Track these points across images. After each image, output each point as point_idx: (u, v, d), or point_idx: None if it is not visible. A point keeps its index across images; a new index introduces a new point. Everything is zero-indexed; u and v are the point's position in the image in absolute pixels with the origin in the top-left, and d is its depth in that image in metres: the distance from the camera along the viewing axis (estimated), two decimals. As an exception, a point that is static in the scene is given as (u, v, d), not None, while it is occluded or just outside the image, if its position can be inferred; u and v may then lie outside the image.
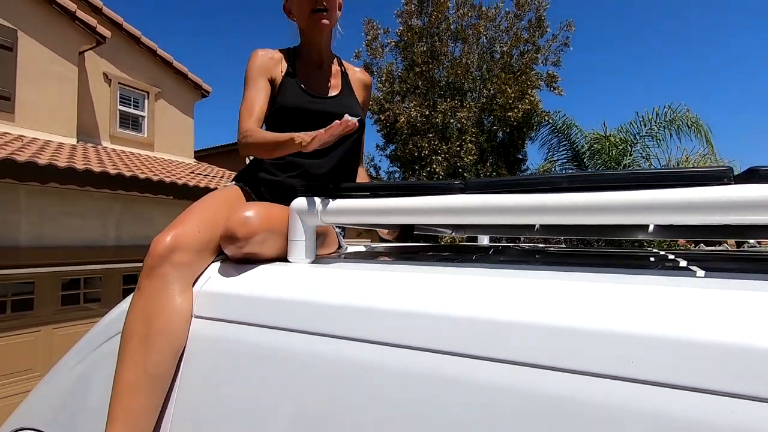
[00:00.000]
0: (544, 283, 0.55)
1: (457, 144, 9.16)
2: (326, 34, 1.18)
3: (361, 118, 1.19)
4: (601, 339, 0.45)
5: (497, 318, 0.51)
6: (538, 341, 0.48)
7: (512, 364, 0.48)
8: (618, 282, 0.53)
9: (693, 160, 7.77)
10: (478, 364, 0.49)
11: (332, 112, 1.13)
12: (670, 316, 0.44)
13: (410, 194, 0.75)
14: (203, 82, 8.47)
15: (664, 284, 0.51)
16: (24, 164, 3.80)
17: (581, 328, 0.47)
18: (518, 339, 0.49)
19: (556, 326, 0.48)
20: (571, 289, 0.52)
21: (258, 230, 0.79)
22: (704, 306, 0.44)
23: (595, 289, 0.51)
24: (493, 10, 9.99)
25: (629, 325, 0.45)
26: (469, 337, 0.51)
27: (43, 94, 5.71)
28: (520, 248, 1.32)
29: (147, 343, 0.71)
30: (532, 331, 0.49)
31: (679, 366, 0.41)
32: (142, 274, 0.76)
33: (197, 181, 5.71)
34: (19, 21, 5.49)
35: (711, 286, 0.49)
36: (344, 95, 1.20)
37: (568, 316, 0.48)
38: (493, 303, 0.53)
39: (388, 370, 0.55)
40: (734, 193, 0.51)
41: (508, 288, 0.56)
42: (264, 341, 0.67)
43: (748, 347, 0.39)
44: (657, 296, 0.47)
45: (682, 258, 0.87)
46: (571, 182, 0.63)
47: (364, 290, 0.63)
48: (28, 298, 4.48)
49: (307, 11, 1.11)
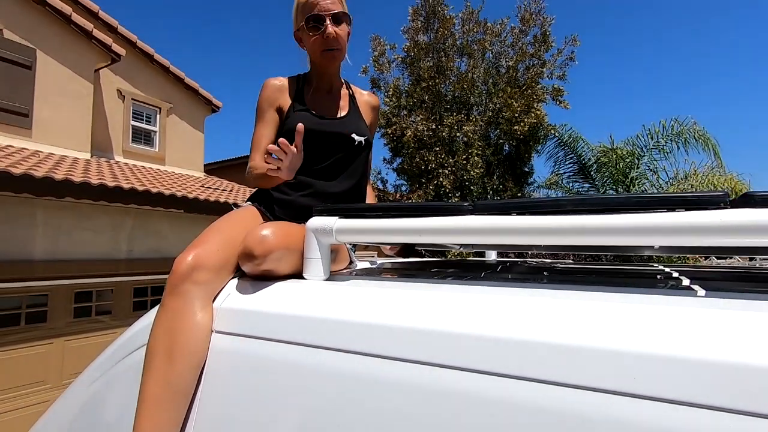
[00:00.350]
0: (553, 302, 0.58)
1: (463, 157, 9.21)
2: (336, 66, 1.25)
3: (368, 138, 1.24)
4: (605, 356, 0.48)
5: (508, 335, 0.54)
6: (546, 358, 0.50)
7: (522, 380, 0.50)
8: (621, 301, 0.56)
9: (701, 173, 7.74)
10: (491, 381, 0.52)
11: (339, 132, 1.19)
12: (667, 335, 0.47)
13: (421, 215, 0.79)
14: (213, 98, 8.65)
15: (664, 304, 0.54)
16: (41, 179, 3.90)
17: (587, 345, 0.49)
18: (528, 356, 0.51)
19: (562, 344, 0.50)
20: (578, 308, 0.55)
21: (275, 248, 0.83)
22: (700, 325, 0.47)
23: (600, 308, 0.54)
24: (499, 26, 10.12)
25: (631, 343, 0.48)
26: (481, 353, 0.54)
27: (59, 110, 5.88)
28: (528, 265, 1.34)
29: (170, 358, 0.74)
30: (541, 348, 0.51)
31: (674, 382, 0.43)
32: (166, 292, 0.80)
33: (207, 195, 5.80)
34: (38, 40, 5.68)
35: (709, 305, 0.52)
36: (351, 116, 1.25)
37: (574, 334, 0.51)
38: (504, 320, 0.56)
39: (406, 386, 0.57)
40: (730, 218, 0.54)
41: (519, 306, 0.59)
42: (281, 356, 0.70)
43: (735, 365, 0.42)
44: (656, 316, 0.50)
45: (686, 276, 0.89)
46: (576, 205, 0.66)
47: (379, 307, 0.67)
48: (42, 311, 4.56)
49: (318, 50, 1.19)
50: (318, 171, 1.18)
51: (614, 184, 8.34)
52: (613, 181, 8.37)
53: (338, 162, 1.20)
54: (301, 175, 1.16)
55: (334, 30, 1.15)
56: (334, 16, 1.16)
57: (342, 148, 1.20)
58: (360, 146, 1.22)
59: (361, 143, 1.22)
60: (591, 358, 0.48)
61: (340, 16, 1.17)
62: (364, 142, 1.23)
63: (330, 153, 1.19)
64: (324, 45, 1.17)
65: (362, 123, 1.27)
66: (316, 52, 1.19)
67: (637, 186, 8.11)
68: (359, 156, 1.24)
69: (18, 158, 4.48)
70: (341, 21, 1.18)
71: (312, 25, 1.16)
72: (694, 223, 0.56)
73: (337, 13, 1.16)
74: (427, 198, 9.07)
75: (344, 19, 1.19)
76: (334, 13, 1.16)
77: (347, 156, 1.21)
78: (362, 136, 1.22)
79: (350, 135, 1.20)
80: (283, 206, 1.15)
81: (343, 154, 1.20)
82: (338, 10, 1.17)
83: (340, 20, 1.18)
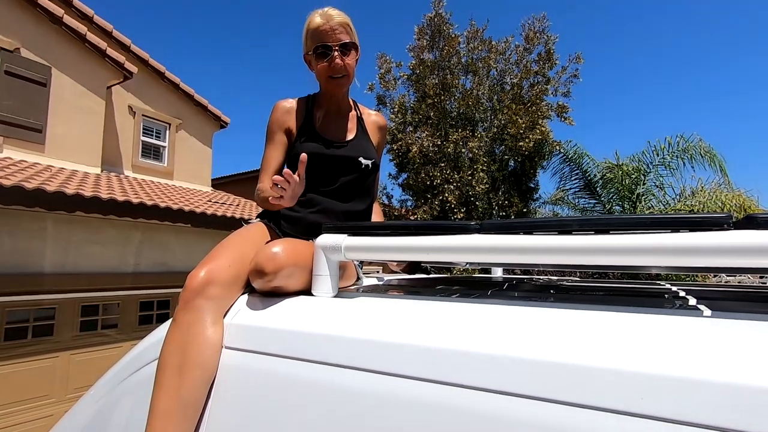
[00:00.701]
0: (562, 321, 0.59)
1: (468, 173, 9.24)
2: (343, 91, 1.28)
3: (375, 161, 1.26)
4: (614, 376, 0.48)
5: (519, 354, 0.55)
6: (556, 378, 0.51)
7: (533, 399, 0.51)
8: (628, 321, 0.57)
9: (708, 189, 7.70)
10: (502, 400, 0.53)
11: (347, 156, 1.21)
12: (672, 355, 0.48)
13: (428, 233, 0.80)
14: (222, 114, 8.80)
15: (670, 324, 0.55)
16: (53, 194, 3.97)
17: (595, 366, 0.50)
18: (536, 375, 0.52)
19: (571, 363, 0.51)
20: (586, 327, 0.56)
21: (285, 265, 0.84)
22: (705, 345, 0.48)
23: (609, 328, 0.55)
24: (503, 44, 10.26)
25: (638, 363, 0.48)
26: (491, 372, 0.55)
27: (72, 126, 6.00)
28: (534, 282, 1.35)
29: (181, 372, 0.75)
30: (552, 368, 0.52)
31: (680, 402, 0.44)
32: (178, 307, 0.82)
33: (214, 210, 5.85)
34: (54, 58, 5.84)
35: (713, 325, 0.53)
36: (358, 139, 1.27)
37: (583, 354, 0.52)
38: (513, 339, 0.57)
39: (414, 404, 0.58)
40: (733, 239, 0.55)
41: (528, 324, 0.60)
42: (290, 372, 0.71)
43: (736, 385, 0.42)
44: (662, 336, 0.51)
45: (692, 295, 0.90)
46: (581, 225, 0.68)
47: (387, 324, 0.68)
48: (49, 324, 4.58)
49: (325, 76, 1.21)
50: (327, 192, 1.21)
51: (620, 200, 8.31)
52: (620, 198, 8.35)
53: (346, 184, 1.22)
54: (311, 194, 1.19)
55: (342, 60, 1.18)
56: (343, 45, 1.18)
57: (350, 171, 1.22)
58: (367, 169, 1.24)
59: (368, 166, 1.24)
60: (599, 377, 0.49)
61: (349, 45, 1.20)
62: (371, 166, 1.25)
63: (338, 176, 1.21)
64: (331, 72, 1.20)
65: (369, 146, 1.29)
66: (324, 78, 1.22)
67: (643, 202, 8.09)
68: (367, 178, 1.26)
69: (31, 173, 4.57)
70: (349, 50, 1.21)
71: (321, 52, 1.19)
72: (697, 245, 0.57)
73: (346, 44, 1.19)
74: (432, 213, 9.08)
75: (352, 48, 1.22)
76: (343, 44, 1.18)
77: (355, 178, 1.23)
78: (369, 160, 1.25)
79: (357, 159, 1.22)
80: (292, 223, 1.17)
81: (351, 177, 1.23)
82: (347, 41, 1.19)
83: (348, 50, 1.20)
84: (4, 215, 4.16)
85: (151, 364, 0.86)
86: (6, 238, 4.21)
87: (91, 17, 6.72)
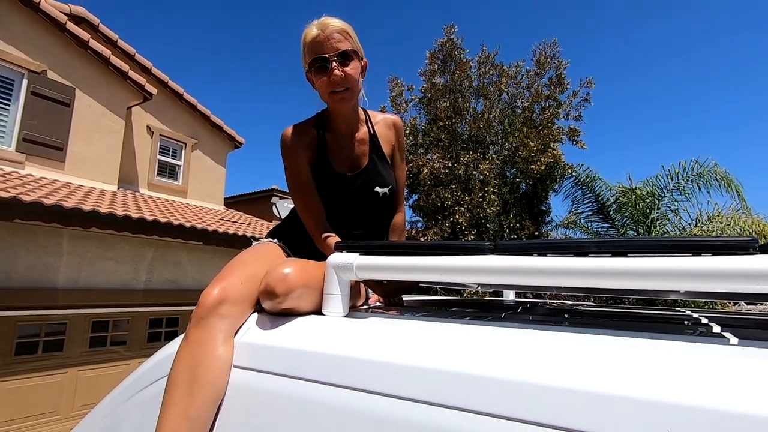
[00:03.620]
0: (581, 346, 0.57)
1: (479, 195, 9.23)
2: (348, 108, 1.17)
3: (391, 187, 1.23)
4: (639, 406, 0.46)
5: (536, 381, 0.53)
6: (578, 406, 0.49)
7: (553, 428, 0.49)
8: (652, 348, 0.55)
9: (725, 215, 7.56)
10: (520, 428, 0.51)
11: (362, 188, 1.18)
12: (701, 385, 0.45)
13: (441, 253, 0.79)
14: (237, 135, 8.98)
15: (696, 352, 0.52)
16: (70, 210, 4.05)
17: (621, 395, 0.48)
18: (560, 403, 0.50)
19: (595, 392, 0.49)
20: (609, 354, 0.54)
21: (296, 287, 0.83)
22: (736, 376, 0.45)
23: (633, 355, 0.53)
24: (514, 68, 10.39)
25: (664, 393, 0.46)
26: (509, 398, 0.53)
27: (92, 145, 6.18)
28: (548, 306, 1.32)
29: (191, 391, 0.74)
30: (565, 395, 0.50)
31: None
32: (191, 325, 0.81)
33: (225, 228, 5.90)
34: (78, 80, 6.06)
35: (742, 354, 0.50)
36: (373, 164, 1.22)
37: (606, 382, 0.49)
38: (530, 365, 0.55)
39: (429, 429, 0.56)
40: (761, 264, 0.53)
41: (541, 349, 0.58)
42: (299, 393, 0.69)
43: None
44: (689, 364, 0.49)
45: (715, 322, 0.86)
46: (600, 247, 0.66)
47: (400, 345, 0.66)
48: (60, 339, 4.60)
49: (326, 92, 1.12)
50: (342, 219, 1.19)
51: (634, 224, 8.19)
52: (633, 222, 8.23)
53: (362, 212, 1.21)
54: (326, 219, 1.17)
55: (341, 71, 1.07)
56: (341, 54, 1.08)
57: (366, 201, 1.19)
58: (384, 197, 1.20)
59: (385, 194, 1.20)
60: (624, 407, 0.47)
61: (348, 53, 1.09)
62: (388, 192, 1.21)
63: (354, 205, 1.19)
64: (331, 87, 1.09)
65: (385, 171, 1.23)
66: (326, 95, 1.12)
67: (658, 227, 7.95)
68: (384, 205, 1.23)
69: (50, 189, 4.68)
70: (350, 59, 1.09)
71: (319, 65, 1.09)
72: (722, 269, 0.55)
73: (344, 52, 1.08)
74: (443, 235, 9.03)
75: (353, 56, 1.10)
76: (341, 52, 1.08)
77: (372, 207, 1.21)
78: (385, 187, 1.20)
79: (374, 190, 1.18)
80: (303, 243, 1.17)
81: (367, 206, 1.20)
82: (345, 48, 1.08)
83: (348, 58, 1.09)
84: (23, 231, 4.25)
85: (158, 382, 0.85)
86: (24, 252, 4.29)
87: (116, 41, 7.00)
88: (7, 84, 5.48)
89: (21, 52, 5.52)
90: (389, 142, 1.29)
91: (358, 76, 1.14)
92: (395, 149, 1.31)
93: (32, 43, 5.62)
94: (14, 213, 3.82)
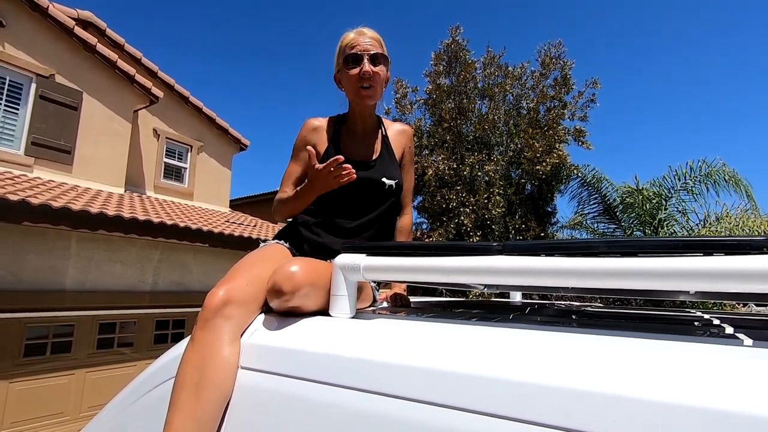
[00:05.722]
0: (593, 347, 0.56)
1: (484, 196, 9.20)
2: (371, 107, 1.28)
3: (398, 182, 1.26)
4: (655, 408, 0.45)
5: (546, 382, 0.52)
6: (581, 406, 0.48)
7: (560, 430, 0.48)
8: (665, 349, 0.54)
9: (734, 215, 7.47)
10: (527, 428, 0.50)
11: (370, 177, 1.21)
12: (717, 387, 0.44)
13: (449, 254, 0.78)
14: (242, 137, 9.02)
15: (711, 353, 0.51)
16: (77, 212, 4.09)
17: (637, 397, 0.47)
18: (559, 403, 0.49)
19: (609, 393, 0.48)
20: (623, 355, 0.53)
21: (302, 285, 0.83)
22: (757, 377, 0.44)
23: (648, 356, 0.52)
24: (519, 70, 10.36)
25: (681, 395, 0.45)
26: (518, 399, 0.52)
27: (99, 148, 6.23)
28: (556, 308, 1.31)
29: (198, 392, 0.74)
30: (575, 396, 0.49)
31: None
32: (197, 326, 0.81)
33: (231, 230, 5.92)
34: (86, 84, 6.12)
35: (762, 356, 0.49)
36: (383, 159, 1.28)
37: (623, 383, 0.49)
38: (540, 366, 0.54)
39: (437, 430, 0.55)
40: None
41: (551, 351, 0.57)
42: (307, 395, 0.69)
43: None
44: (705, 365, 0.48)
45: (727, 323, 0.85)
46: (609, 247, 0.65)
47: (407, 347, 0.66)
48: (67, 341, 4.63)
49: (354, 87, 1.22)
50: (347, 211, 1.21)
51: (641, 225, 8.12)
52: (640, 223, 8.16)
53: (369, 204, 1.22)
54: (330, 214, 1.19)
55: (371, 68, 1.19)
56: (373, 56, 1.20)
57: (373, 192, 1.22)
58: (391, 189, 1.24)
59: (392, 187, 1.24)
60: (637, 409, 0.46)
61: (379, 57, 1.22)
62: (395, 186, 1.25)
63: (361, 196, 1.21)
64: (360, 81, 1.20)
65: (394, 166, 1.29)
66: (353, 89, 1.23)
67: (665, 228, 7.88)
68: (390, 198, 1.26)
69: (58, 192, 4.72)
70: (379, 62, 1.22)
71: (351, 63, 1.21)
72: (735, 269, 0.54)
73: (375, 54, 1.21)
74: (448, 236, 9.01)
75: (382, 61, 1.23)
76: (372, 54, 1.20)
77: (378, 199, 1.23)
78: (393, 180, 1.24)
79: (381, 180, 1.22)
80: (310, 243, 1.17)
81: (374, 197, 1.22)
82: (377, 51, 1.21)
83: (378, 60, 1.22)
84: (31, 234, 4.29)
85: (165, 384, 0.85)
86: (32, 255, 4.33)
87: (122, 45, 7.06)
88: (15, 88, 5.54)
89: (29, 56, 5.58)
90: (400, 146, 1.36)
91: (384, 81, 1.26)
92: (405, 154, 1.38)
93: (40, 47, 5.68)
94: (23, 216, 3.86)
